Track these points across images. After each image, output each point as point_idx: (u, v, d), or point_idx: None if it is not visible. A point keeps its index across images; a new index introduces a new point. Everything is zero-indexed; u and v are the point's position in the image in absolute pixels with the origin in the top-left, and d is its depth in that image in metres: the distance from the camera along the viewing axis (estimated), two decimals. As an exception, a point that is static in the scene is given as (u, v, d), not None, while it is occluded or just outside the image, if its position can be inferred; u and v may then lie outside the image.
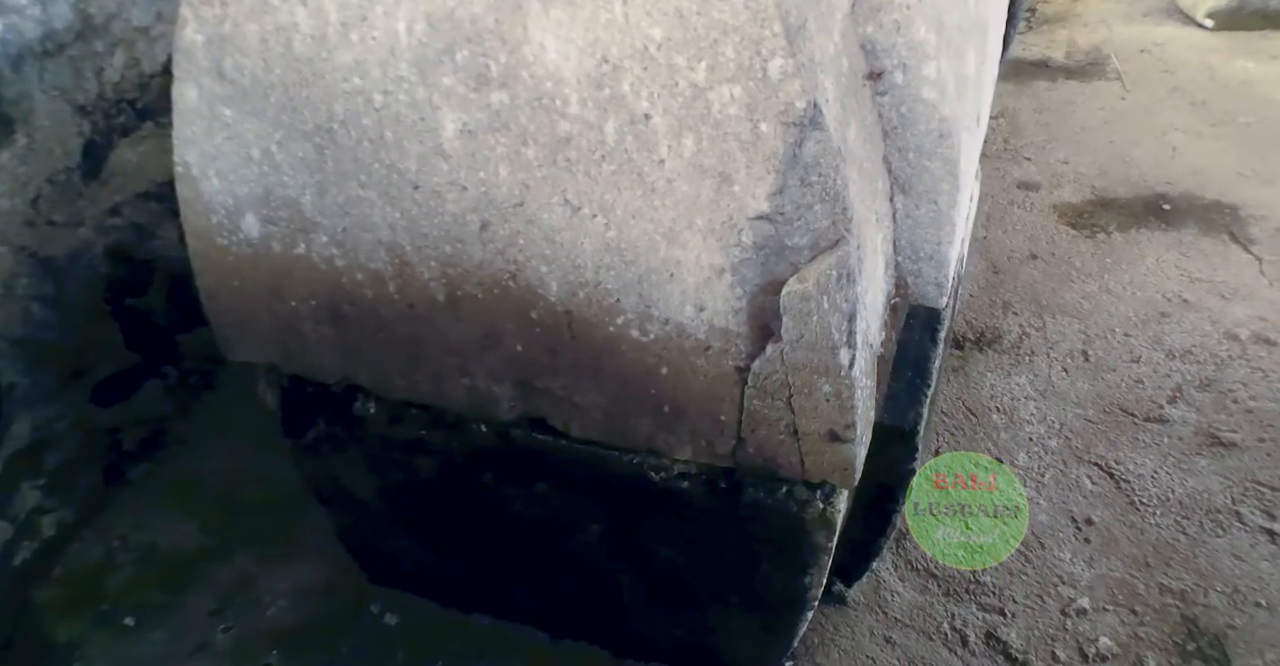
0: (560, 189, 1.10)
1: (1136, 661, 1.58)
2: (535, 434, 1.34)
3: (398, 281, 1.25)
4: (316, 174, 1.20)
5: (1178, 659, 1.57)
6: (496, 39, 1.03)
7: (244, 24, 1.13)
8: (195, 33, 1.16)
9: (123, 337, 2.00)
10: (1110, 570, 1.73)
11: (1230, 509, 1.81)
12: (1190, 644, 1.59)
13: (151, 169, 2.01)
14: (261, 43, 1.13)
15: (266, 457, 2.02)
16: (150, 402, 2.09)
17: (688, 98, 0.99)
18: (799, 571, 1.34)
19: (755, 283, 1.08)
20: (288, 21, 1.11)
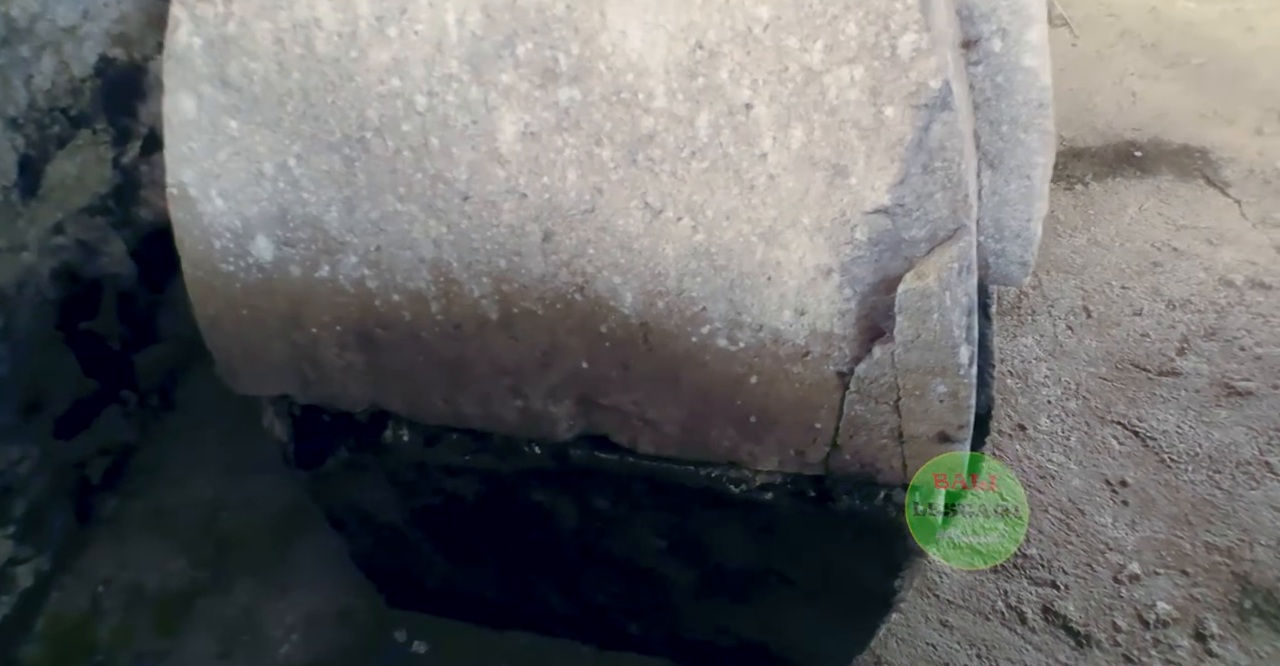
0: (640, 191, 0.98)
1: (1198, 624, 1.56)
2: (597, 452, 1.23)
3: (442, 301, 1.12)
4: (345, 188, 1.06)
5: (1236, 618, 1.56)
6: (568, 28, 0.91)
7: (253, 23, 0.98)
8: (191, 35, 1.00)
9: (78, 364, 1.81)
10: (1154, 532, 1.71)
11: (1260, 460, 1.81)
12: (1246, 601, 1.58)
13: (92, 181, 1.81)
14: (276, 43, 0.98)
15: (243, 482, 1.87)
16: (112, 431, 1.91)
17: (799, 83, 0.89)
18: (890, 574, 1.27)
19: (867, 282, 0.99)
20: (307, 17, 0.96)
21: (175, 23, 1.00)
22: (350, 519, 1.51)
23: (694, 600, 1.45)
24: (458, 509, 1.40)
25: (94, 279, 1.82)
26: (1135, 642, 1.55)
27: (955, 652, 1.57)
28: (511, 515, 1.38)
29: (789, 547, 1.28)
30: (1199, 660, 1.52)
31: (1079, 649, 1.55)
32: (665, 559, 1.37)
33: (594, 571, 1.46)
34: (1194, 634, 1.55)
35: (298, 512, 1.81)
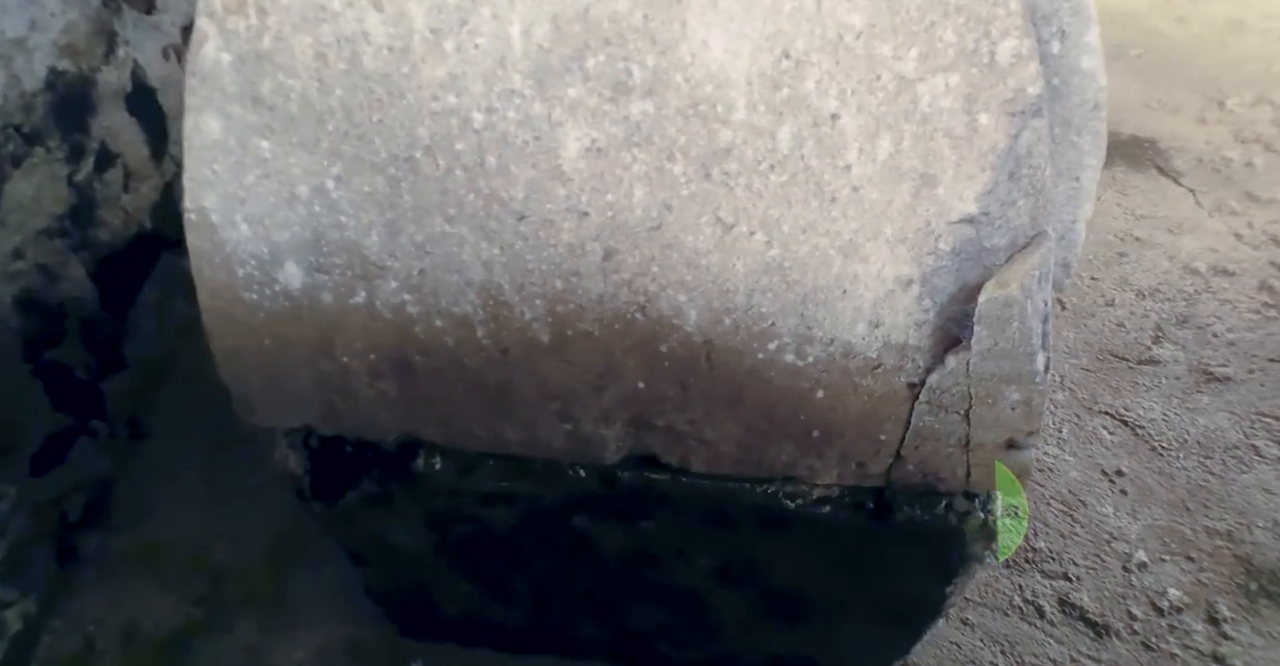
0: (712, 206, 0.95)
1: (1209, 608, 1.60)
2: (647, 474, 1.19)
3: (489, 326, 1.07)
4: (388, 211, 1.00)
5: (1245, 600, 1.60)
6: (644, 39, 0.86)
7: (291, 37, 0.91)
8: (220, 51, 0.92)
9: (47, 397, 1.69)
10: (1155, 519, 1.74)
11: (1246, 444, 1.86)
12: (1252, 583, 1.62)
13: (48, 201, 1.69)
14: (317, 59, 0.91)
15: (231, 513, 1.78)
16: (86, 465, 1.79)
17: (890, 92, 0.86)
18: (943, 581, 1.26)
19: (947, 292, 0.97)
20: (354, 31, 0.89)
21: (201, 37, 0.93)
22: (369, 551, 1.44)
23: (736, 619, 1.42)
24: (490, 537, 1.34)
25: (57, 305, 1.70)
26: (1152, 630, 1.58)
27: (980, 650, 1.57)
28: (548, 541, 1.33)
29: (842, 561, 1.26)
30: (1215, 644, 1.55)
31: (1099, 639, 1.57)
32: (710, 579, 1.34)
33: (632, 595, 1.42)
34: (1207, 618, 1.58)
35: (292, 543, 1.72)
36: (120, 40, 1.75)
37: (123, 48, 1.76)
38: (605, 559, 1.34)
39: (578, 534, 1.30)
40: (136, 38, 1.78)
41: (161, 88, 1.86)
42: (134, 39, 1.78)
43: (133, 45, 1.78)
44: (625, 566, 1.35)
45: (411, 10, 0.88)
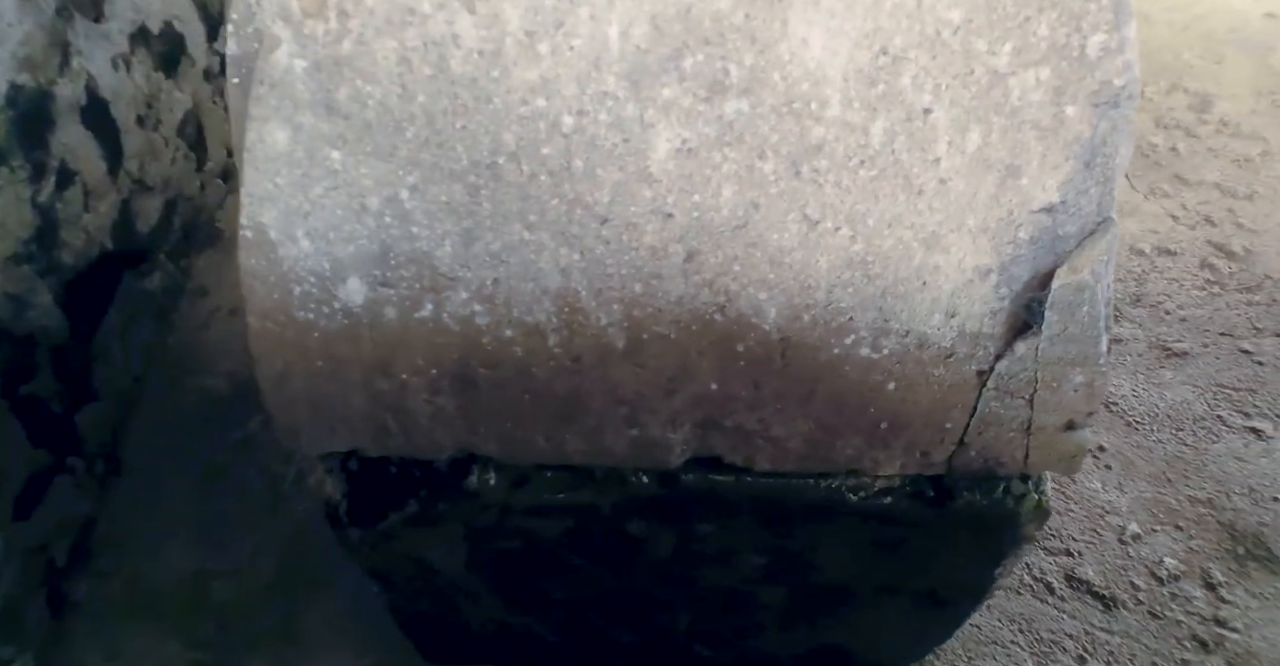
0: (799, 203, 0.96)
1: (1204, 574, 1.69)
2: (711, 476, 1.20)
3: (562, 333, 1.06)
4: (465, 220, 0.98)
5: (1235, 564, 1.70)
6: (744, 38, 0.88)
7: (374, 41, 0.89)
8: (293, 57, 0.90)
9: (25, 434, 1.60)
10: (1141, 492, 1.84)
11: (1212, 415, 1.97)
12: (1239, 548, 1.72)
13: (13, 224, 1.60)
14: (401, 63, 0.90)
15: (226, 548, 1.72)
16: (65, 505, 1.70)
17: (983, 86, 0.89)
18: (992, 564, 1.30)
19: (1022, 280, 1.01)
20: (443, 34, 0.88)
21: (273, 43, 0.90)
22: (402, 574, 1.40)
23: (777, 615, 1.43)
24: (534, 551, 1.33)
25: (26, 335, 1.61)
26: (1155, 598, 1.66)
27: (999, 630, 1.63)
28: (596, 550, 1.32)
29: (894, 551, 1.29)
30: (1215, 608, 1.65)
31: (1108, 611, 1.64)
32: (758, 577, 1.35)
33: (674, 599, 1.42)
34: (1204, 583, 1.68)
35: (298, 573, 1.67)
36: (73, 51, 1.67)
37: (76, 59, 1.67)
38: (652, 564, 1.34)
39: (628, 540, 1.30)
40: (88, 48, 1.70)
41: (114, 100, 1.77)
42: (86, 49, 1.69)
43: (85, 56, 1.69)
44: (672, 570, 1.35)
45: (506, 12, 0.87)
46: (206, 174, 2.21)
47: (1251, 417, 1.96)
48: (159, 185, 1.93)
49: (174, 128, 1.97)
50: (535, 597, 1.44)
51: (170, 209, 2.01)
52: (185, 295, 2.10)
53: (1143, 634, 1.61)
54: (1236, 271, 2.25)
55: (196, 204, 2.18)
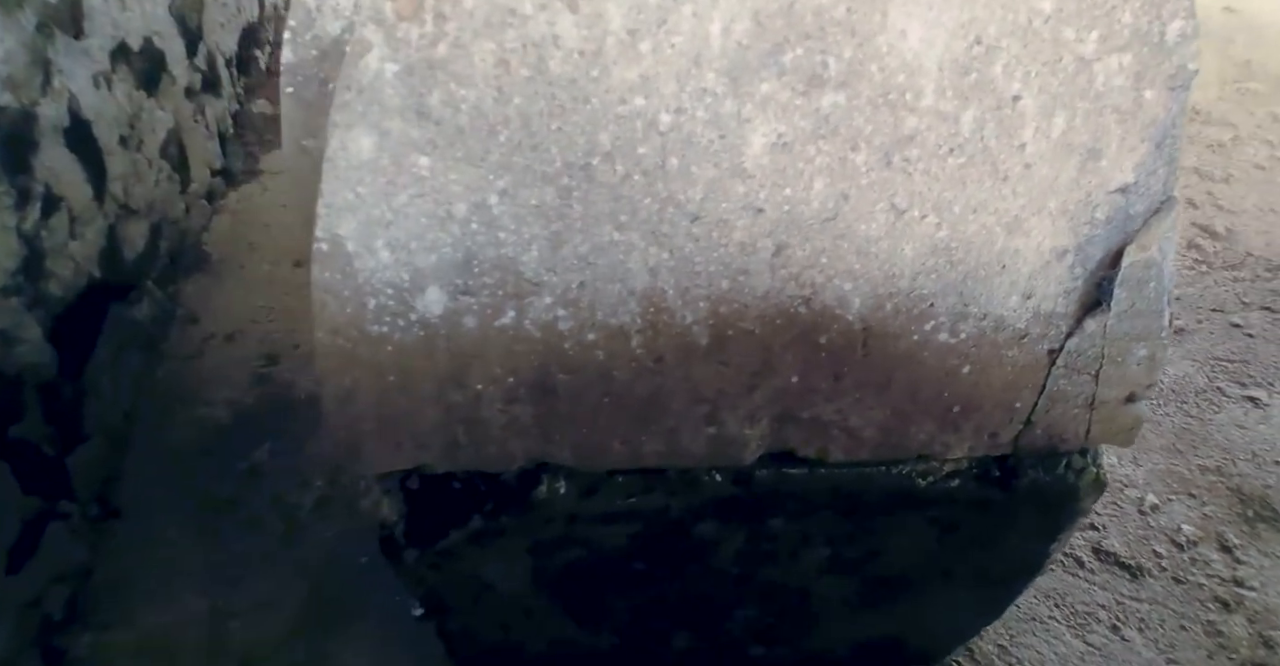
0: (889, 193, 0.99)
1: (1220, 538, 1.77)
2: (784, 470, 1.21)
3: (645, 334, 1.06)
4: (554, 223, 0.98)
5: (1246, 526, 1.79)
6: (844, 31, 0.90)
7: (471, 43, 0.88)
8: (384, 61, 0.89)
9: (16, 480, 1.53)
10: (1155, 464, 1.92)
11: (1212, 387, 2.07)
12: (1248, 511, 1.81)
13: (1, 255, 1.53)
14: (498, 65, 0.89)
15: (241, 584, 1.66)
16: (59, 553, 1.62)
17: (1070, 73, 0.93)
18: (1050, 539, 1.34)
19: (1095, 259, 1.05)
20: (543, 35, 0.88)
21: (363, 47, 0.88)
22: (456, 594, 1.38)
23: (835, 607, 1.45)
24: (599, 560, 1.32)
25: (15, 374, 1.54)
26: (1177, 565, 1.74)
27: (1036, 606, 1.68)
28: (661, 554, 1.32)
29: (956, 533, 1.32)
30: (1233, 569, 1.73)
31: (1135, 580, 1.71)
32: (821, 570, 1.37)
33: (735, 598, 1.43)
34: (1220, 547, 1.76)
35: (322, 606, 1.63)
36: (55, 69, 1.60)
37: (58, 77, 1.61)
38: (717, 564, 1.35)
39: (695, 542, 1.31)
40: (69, 66, 1.63)
41: (96, 120, 1.71)
42: (67, 67, 1.63)
43: (66, 74, 1.63)
44: (736, 569, 1.36)
45: (609, 11, 0.87)
46: (190, 195, 2.14)
47: (1247, 387, 2.06)
48: (144, 209, 1.86)
49: (157, 148, 1.90)
50: (595, 608, 1.43)
51: (156, 234, 1.94)
52: (175, 323, 2.03)
53: (1169, 599, 1.68)
54: (1221, 250, 2.36)
55: (182, 227, 2.11)
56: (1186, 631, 1.63)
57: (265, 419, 1.87)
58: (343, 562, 1.68)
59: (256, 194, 2.45)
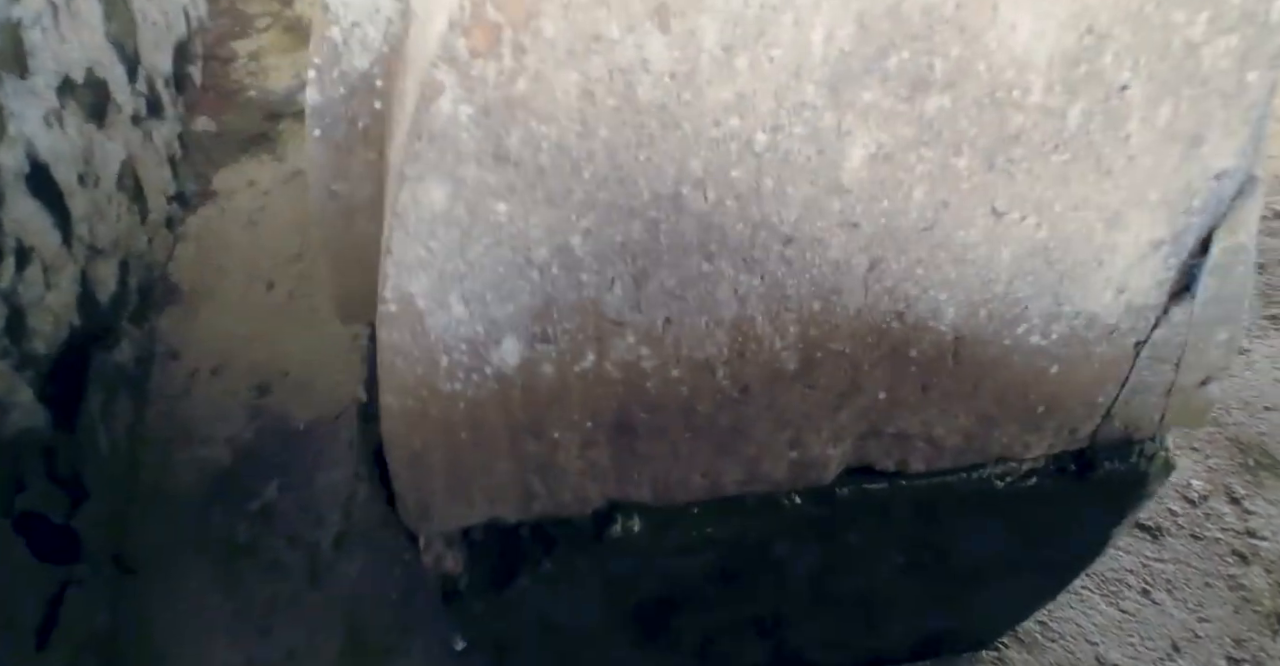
0: (989, 197, 0.89)
1: (1227, 490, 1.75)
2: (864, 485, 1.12)
3: (732, 365, 0.96)
4: (640, 259, 0.86)
5: (1249, 476, 1.77)
6: (952, 29, 0.79)
7: (554, 76, 0.75)
8: (458, 104, 0.75)
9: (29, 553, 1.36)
10: (1151, 420, 1.88)
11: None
12: (1249, 460, 1.79)
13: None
14: (583, 97, 0.77)
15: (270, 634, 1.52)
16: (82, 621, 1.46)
17: (1178, 58, 0.84)
18: (1115, 524, 1.28)
19: (1188, 247, 0.98)
20: (631, 60, 0.76)
21: (435, 90, 0.75)
22: (523, 635, 1.27)
23: (905, 612, 1.38)
24: (671, 591, 1.22)
25: (13, 441, 1.36)
26: (1193, 521, 1.71)
27: (1070, 577, 1.63)
28: (736, 579, 1.23)
29: (1032, 527, 1.25)
30: (1244, 520, 1.70)
31: (1156, 541, 1.68)
32: (893, 578, 1.29)
33: (807, 613, 1.34)
34: (1229, 499, 1.74)
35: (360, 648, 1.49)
36: (8, 113, 1.40)
37: (12, 122, 1.41)
38: (790, 581, 1.26)
39: (770, 563, 1.21)
40: (20, 108, 1.43)
41: (54, 162, 1.51)
42: (19, 110, 1.43)
43: (19, 117, 1.43)
44: (809, 584, 1.27)
45: (703, 26, 0.75)
46: (150, 226, 1.94)
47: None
48: (109, 247, 1.67)
49: (113, 182, 1.71)
50: (664, 635, 1.33)
51: (124, 270, 1.75)
52: (156, 361, 1.84)
53: (1190, 557, 1.65)
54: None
55: (147, 260, 1.91)
56: (1211, 588, 1.60)
57: (268, 454, 1.71)
58: (374, 600, 1.55)
59: (215, 217, 2.25)
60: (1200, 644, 1.50)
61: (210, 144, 2.47)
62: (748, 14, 0.76)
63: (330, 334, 1.94)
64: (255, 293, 2.05)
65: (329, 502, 1.67)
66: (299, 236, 2.16)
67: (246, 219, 2.24)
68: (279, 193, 2.30)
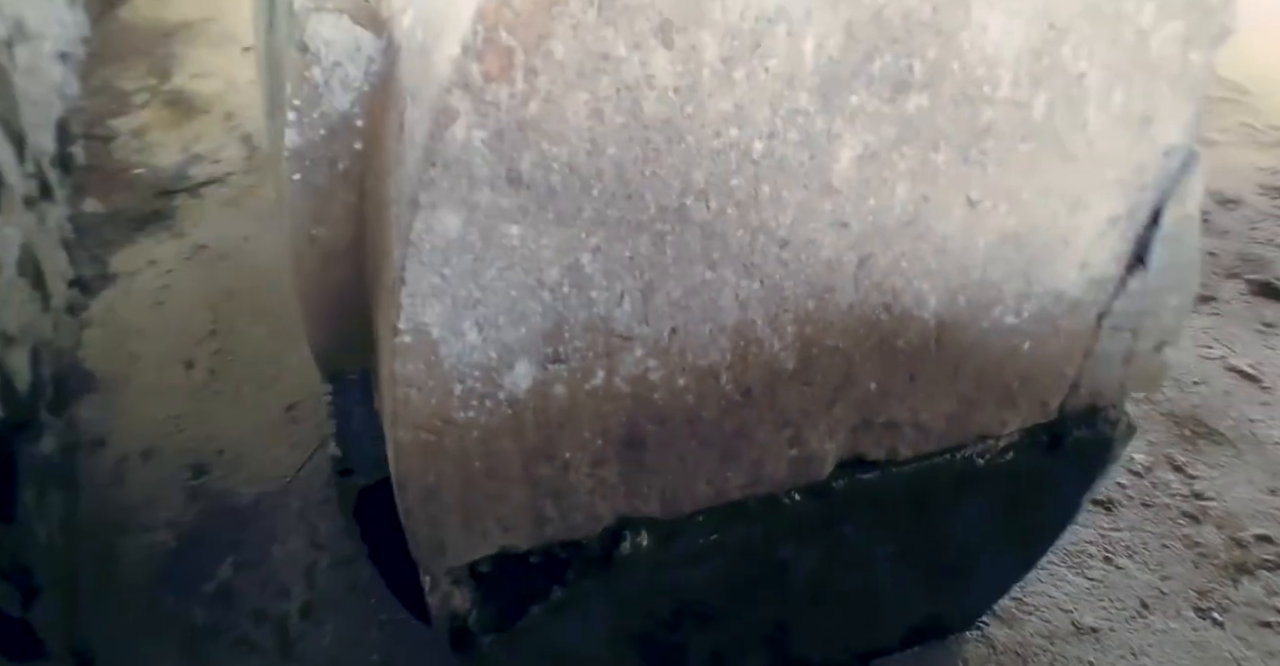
0: (964, 189, 0.97)
1: (1169, 459, 1.89)
2: (857, 476, 1.19)
3: (735, 369, 1.01)
4: (647, 272, 0.91)
5: (1188, 445, 1.92)
6: (929, 32, 0.87)
7: (564, 96, 0.80)
8: (471, 129, 0.79)
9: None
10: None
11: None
12: (1185, 431, 1.94)
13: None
14: (592, 116, 0.81)
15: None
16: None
17: (1130, 45, 0.94)
18: (1085, 489, 1.39)
19: (1141, 221, 1.08)
20: (637, 77, 0.81)
21: (450, 117, 0.78)
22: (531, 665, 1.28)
23: (898, 600, 1.45)
24: (679, 603, 1.26)
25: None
26: (1142, 490, 1.84)
27: (1034, 551, 1.74)
28: (741, 586, 1.27)
29: (1011, 501, 1.34)
30: (1189, 484, 1.85)
31: (1110, 512, 1.80)
32: (888, 569, 1.36)
33: (809, 615, 1.39)
34: (1172, 468, 1.88)
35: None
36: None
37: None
38: (792, 584, 1.31)
39: (773, 566, 1.27)
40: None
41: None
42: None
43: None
44: (809, 585, 1.33)
45: (704, 41, 0.80)
46: (54, 312, 1.87)
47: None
48: (19, 335, 1.61)
49: (14, 267, 1.64)
50: (671, 650, 1.36)
51: (36, 359, 1.68)
52: (83, 451, 1.78)
53: (1144, 523, 1.78)
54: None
55: (55, 347, 1.84)
56: (1168, 548, 1.73)
57: (216, 533, 1.68)
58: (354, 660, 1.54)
59: (119, 300, 2.19)
60: (1167, 599, 1.62)
61: (102, 225, 2.41)
62: (744, 27, 0.81)
63: (259, 407, 1.92)
64: (173, 374, 2.01)
65: (290, 574, 1.64)
66: (210, 313, 2.13)
67: (152, 300, 2.20)
68: (182, 270, 2.27)
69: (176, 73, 3.08)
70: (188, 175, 2.58)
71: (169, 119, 2.80)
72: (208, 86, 3.01)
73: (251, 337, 2.06)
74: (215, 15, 3.38)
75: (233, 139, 2.75)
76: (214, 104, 2.93)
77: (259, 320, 2.09)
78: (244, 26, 3.22)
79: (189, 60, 3.16)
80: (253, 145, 2.71)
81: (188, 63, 3.15)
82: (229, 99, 2.94)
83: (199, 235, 2.36)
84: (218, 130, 2.79)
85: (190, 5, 3.43)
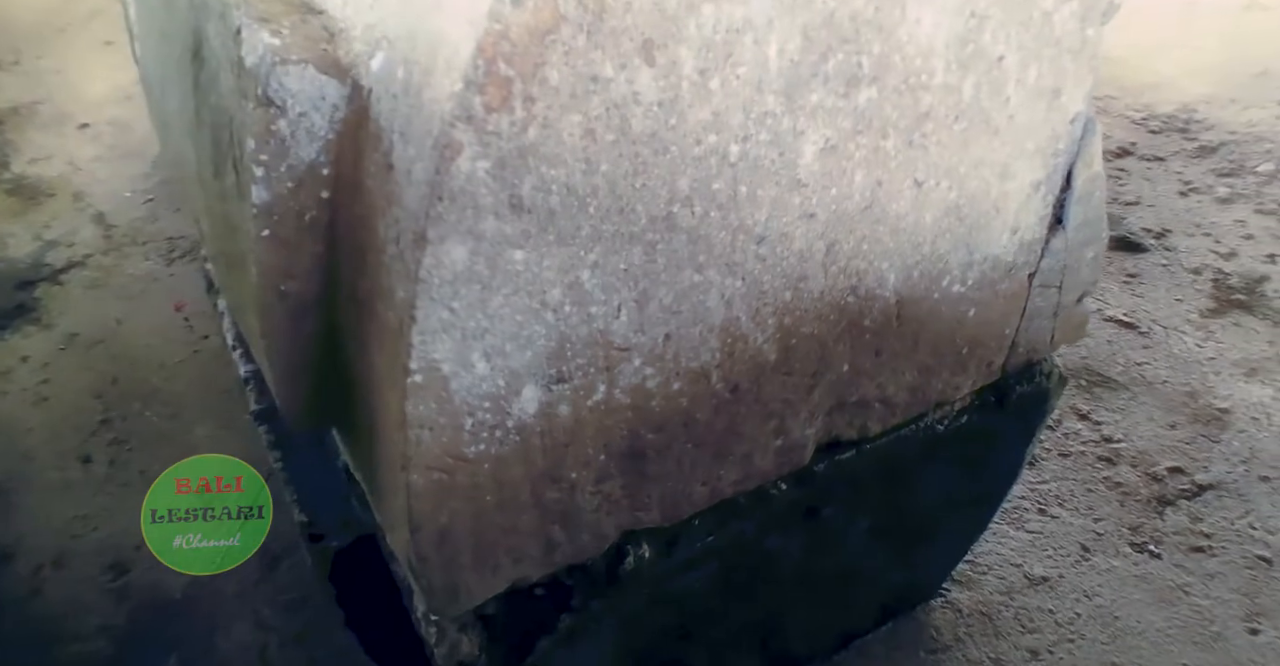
0: (911, 171, 1.11)
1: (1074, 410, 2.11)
2: (835, 457, 1.31)
3: (724, 367, 1.11)
4: (641, 281, 1.00)
5: (1087, 394, 2.15)
6: (873, 30, 0.99)
7: (559, 120, 0.88)
8: (475, 160, 0.86)
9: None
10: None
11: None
12: (1080, 381, 2.17)
13: None
14: (585, 136, 0.89)
15: None
16: None
17: (1038, 26, 1.09)
18: (1028, 442, 1.55)
19: (1057, 184, 1.24)
20: (625, 94, 0.90)
21: (455, 150, 0.84)
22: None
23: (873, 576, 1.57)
24: (679, 619, 1.34)
25: None
26: (1056, 443, 2.04)
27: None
28: (738, 583, 1.37)
29: (967, 463, 1.49)
30: (1097, 429, 2.07)
31: (1033, 467, 2.00)
32: (864, 545, 1.48)
33: (796, 605, 1.50)
34: (1079, 417, 2.10)
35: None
36: None
37: None
38: (781, 572, 1.41)
39: (764, 557, 1.36)
40: None
41: None
42: None
43: None
44: (797, 573, 1.44)
45: (682, 55, 0.90)
46: None
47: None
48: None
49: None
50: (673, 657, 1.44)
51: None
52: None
53: (1066, 472, 1.98)
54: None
55: None
56: (1094, 492, 1.94)
57: (152, 632, 1.64)
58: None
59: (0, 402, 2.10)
60: (1104, 539, 1.82)
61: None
62: (716, 39, 0.91)
63: (171, 491, 1.88)
64: (72, 471, 1.94)
65: (242, 661, 1.63)
66: (98, 402, 2.08)
67: (34, 397, 2.12)
68: (59, 362, 2.20)
69: (14, 159, 2.99)
70: (45, 262, 2.52)
71: (14, 208, 2.72)
72: (49, 169, 2.93)
73: (145, 422, 2.02)
74: (44, 97, 3.28)
75: (85, 220, 2.69)
76: (58, 187, 2.85)
77: (149, 403, 2.05)
78: (76, 104, 3.14)
79: (24, 145, 3.07)
80: (107, 224, 2.65)
81: (24, 148, 3.06)
82: (73, 180, 2.87)
83: (68, 324, 2.31)
84: (68, 213, 2.73)
85: (15, 89, 3.31)
